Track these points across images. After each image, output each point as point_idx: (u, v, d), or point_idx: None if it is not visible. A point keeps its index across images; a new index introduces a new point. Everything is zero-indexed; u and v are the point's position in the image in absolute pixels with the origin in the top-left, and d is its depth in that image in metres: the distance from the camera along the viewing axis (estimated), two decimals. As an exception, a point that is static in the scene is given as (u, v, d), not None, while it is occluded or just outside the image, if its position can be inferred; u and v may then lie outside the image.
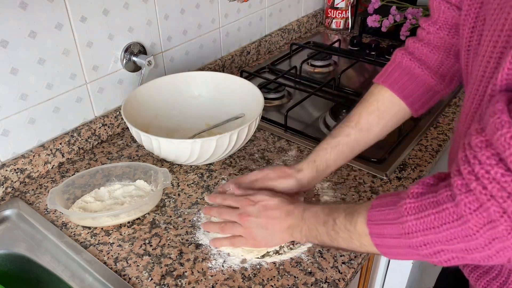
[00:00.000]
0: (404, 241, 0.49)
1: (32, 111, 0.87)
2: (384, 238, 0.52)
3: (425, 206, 0.47)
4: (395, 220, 0.50)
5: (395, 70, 0.75)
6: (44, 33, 0.83)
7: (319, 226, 0.62)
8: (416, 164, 0.93)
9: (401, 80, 0.74)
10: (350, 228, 0.57)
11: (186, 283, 0.68)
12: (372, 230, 0.54)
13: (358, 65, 1.33)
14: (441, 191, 0.46)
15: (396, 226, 0.50)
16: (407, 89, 0.73)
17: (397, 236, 0.50)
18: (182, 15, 1.10)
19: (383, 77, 0.76)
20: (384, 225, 0.52)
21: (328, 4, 1.58)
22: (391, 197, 0.53)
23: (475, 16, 0.56)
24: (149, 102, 0.97)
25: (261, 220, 0.69)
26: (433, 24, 0.70)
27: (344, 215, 0.58)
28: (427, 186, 0.49)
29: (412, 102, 0.74)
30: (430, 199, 0.47)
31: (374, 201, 0.55)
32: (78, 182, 0.82)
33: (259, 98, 0.92)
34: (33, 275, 0.74)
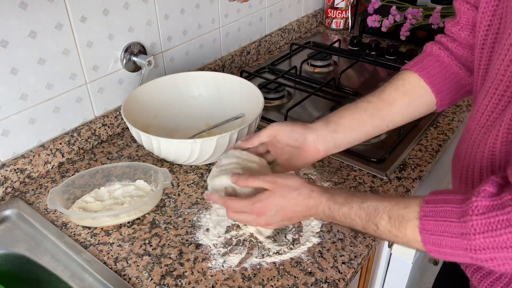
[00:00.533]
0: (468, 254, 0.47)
1: (32, 111, 0.87)
2: (442, 248, 0.50)
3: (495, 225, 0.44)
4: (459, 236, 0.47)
5: (424, 57, 0.74)
6: (44, 33, 0.83)
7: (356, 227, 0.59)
8: (416, 164, 0.93)
9: (430, 66, 0.72)
10: (398, 234, 0.53)
11: (186, 283, 0.68)
12: (427, 240, 0.50)
13: (358, 65, 1.33)
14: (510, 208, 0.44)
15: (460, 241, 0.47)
16: (435, 76, 0.72)
17: (460, 250, 0.47)
18: (182, 15, 1.10)
19: (411, 63, 0.74)
20: (443, 237, 0.49)
21: (328, 4, 1.58)
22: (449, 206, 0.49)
23: (492, 14, 0.56)
24: (149, 102, 0.97)
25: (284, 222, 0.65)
26: (455, 25, 0.70)
27: (388, 219, 0.54)
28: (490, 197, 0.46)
29: (439, 90, 0.72)
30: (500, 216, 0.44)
31: (426, 207, 0.51)
32: (78, 182, 0.82)
33: (259, 98, 0.92)
34: (33, 275, 0.74)
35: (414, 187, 0.87)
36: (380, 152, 0.94)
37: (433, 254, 0.51)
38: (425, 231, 0.50)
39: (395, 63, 1.31)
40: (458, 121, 1.06)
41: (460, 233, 0.47)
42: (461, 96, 0.75)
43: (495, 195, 0.46)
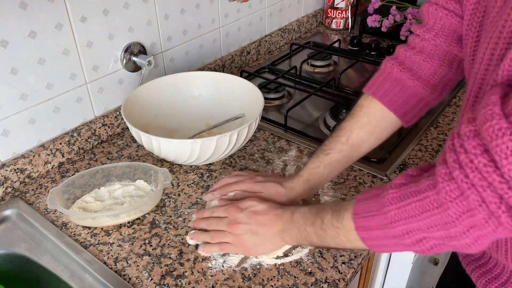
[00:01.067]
0: (388, 231, 0.50)
1: (32, 111, 0.87)
2: (370, 231, 0.52)
3: (407, 195, 0.48)
4: (378, 211, 0.51)
5: (385, 81, 0.73)
6: (44, 33, 0.83)
7: (308, 226, 0.62)
8: (416, 164, 0.93)
9: (392, 91, 0.72)
10: (338, 225, 0.57)
11: (186, 283, 0.68)
12: (357, 223, 0.54)
13: (358, 65, 1.33)
14: (423, 181, 0.47)
15: (379, 217, 0.50)
16: (398, 101, 0.72)
17: (381, 227, 0.50)
18: (182, 15, 1.10)
19: (373, 88, 0.74)
20: (368, 217, 0.52)
21: (328, 4, 1.58)
22: (376, 190, 0.54)
23: (479, 25, 0.55)
24: (149, 102, 0.97)
25: (251, 226, 0.68)
26: (428, 31, 0.68)
27: (331, 212, 0.59)
28: (410, 177, 0.50)
29: (403, 114, 0.73)
30: (412, 188, 0.48)
31: (360, 196, 0.56)
32: (78, 182, 0.82)
33: (259, 98, 0.92)
34: (33, 275, 0.74)
35: (414, 187, 0.87)
36: (380, 152, 0.94)
37: (367, 243, 0.54)
38: (356, 215, 0.54)
39: (395, 63, 1.31)
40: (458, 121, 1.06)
41: (379, 208, 0.51)
42: (425, 112, 0.77)
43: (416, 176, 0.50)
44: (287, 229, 0.66)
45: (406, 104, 0.72)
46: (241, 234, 0.69)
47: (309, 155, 0.94)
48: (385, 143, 0.97)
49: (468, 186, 0.41)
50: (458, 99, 1.16)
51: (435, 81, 0.71)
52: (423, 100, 0.73)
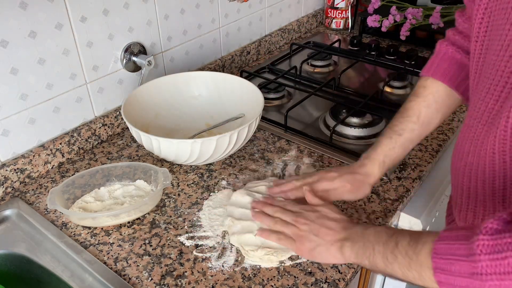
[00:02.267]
0: (475, 282, 0.44)
1: (32, 111, 0.87)
2: (450, 276, 0.46)
3: (503, 247, 0.42)
4: (466, 258, 0.44)
5: (442, 61, 0.75)
6: (44, 33, 0.83)
7: (377, 245, 0.57)
8: (416, 164, 0.93)
9: (451, 70, 0.74)
10: (412, 256, 0.51)
11: (186, 283, 0.68)
12: (436, 264, 0.47)
13: (358, 65, 1.33)
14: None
15: (467, 264, 0.44)
16: (458, 78, 0.74)
17: (467, 276, 0.44)
18: (182, 15, 1.10)
19: (431, 70, 0.76)
20: (451, 261, 0.46)
21: (328, 4, 1.58)
22: (464, 231, 0.47)
23: (485, 8, 0.56)
24: (149, 102, 0.97)
25: (315, 226, 0.66)
26: (467, 20, 0.72)
27: (409, 240, 0.53)
28: (504, 222, 0.44)
29: (464, 90, 0.75)
30: (509, 239, 0.42)
31: (443, 232, 0.49)
32: (78, 182, 0.82)
33: (259, 98, 0.92)
34: (33, 275, 0.74)
35: (414, 187, 0.87)
36: (380, 152, 0.94)
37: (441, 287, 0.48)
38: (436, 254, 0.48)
39: (395, 63, 1.31)
40: (458, 121, 1.06)
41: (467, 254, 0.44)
42: None
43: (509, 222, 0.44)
44: (351, 240, 0.62)
45: (465, 81, 0.73)
46: (304, 230, 0.66)
47: (309, 155, 0.95)
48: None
49: None
50: (458, 99, 1.15)
51: None
52: None
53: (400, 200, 0.83)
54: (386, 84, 1.18)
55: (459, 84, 0.74)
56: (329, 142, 0.98)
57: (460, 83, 0.74)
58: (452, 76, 0.74)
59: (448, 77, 0.74)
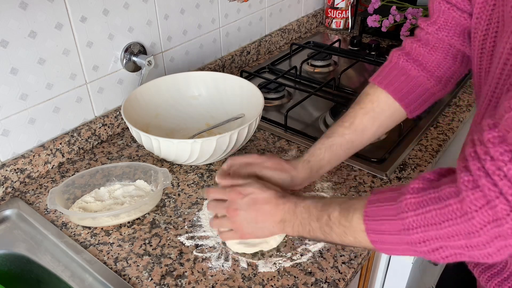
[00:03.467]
0: (403, 238, 0.48)
1: (32, 111, 0.87)
2: (381, 235, 0.51)
3: (427, 202, 0.46)
4: (394, 216, 0.49)
5: (391, 70, 0.74)
6: (44, 33, 0.83)
7: (312, 221, 0.60)
8: (416, 164, 0.93)
9: (397, 81, 0.73)
10: (345, 224, 0.55)
11: (186, 283, 0.68)
12: (368, 226, 0.52)
13: (358, 65, 1.33)
14: (444, 187, 0.45)
15: (395, 222, 0.48)
16: (403, 90, 0.73)
17: (396, 233, 0.49)
18: (182, 15, 1.10)
19: (379, 78, 0.75)
20: (382, 221, 0.50)
21: (328, 4, 1.58)
22: (390, 192, 0.52)
23: (488, 19, 0.55)
24: (149, 102, 0.97)
25: (250, 214, 0.66)
26: (432, 24, 0.70)
27: (339, 210, 0.57)
28: (428, 181, 0.48)
29: (408, 104, 0.74)
30: (432, 194, 0.46)
31: (371, 197, 0.54)
32: (78, 182, 0.82)
33: (259, 98, 0.92)
34: (33, 275, 0.74)
35: (414, 187, 0.87)
36: (380, 152, 0.94)
37: (377, 246, 0.53)
38: (367, 217, 0.52)
39: (395, 63, 1.31)
40: (458, 121, 1.06)
41: (395, 214, 0.49)
42: (431, 103, 0.77)
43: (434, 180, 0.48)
44: (289, 220, 0.64)
45: (410, 94, 0.73)
46: (239, 221, 0.67)
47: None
48: (385, 143, 0.98)
49: (497, 195, 0.39)
50: (458, 99, 1.15)
51: (439, 73, 0.72)
52: (428, 90, 0.73)
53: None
54: (386, 84, 1.18)
55: (404, 96, 0.73)
56: (329, 142, 0.98)
57: (405, 95, 0.73)
58: (397, 87, 0.73)
59: (393, 87, 0.73)
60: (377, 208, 0.52)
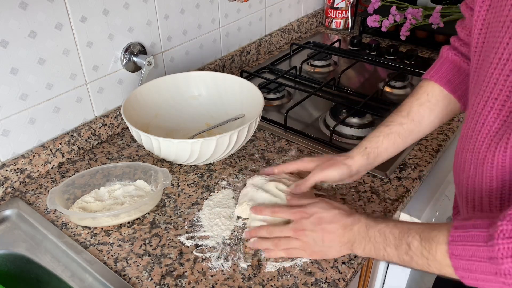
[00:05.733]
0: (499, 279, 0.46)
1: (32, 111, 0.87)
2: (472, 273, 0.49)
3: None
4: (487, 260, 0.47)
5: (442, 64, 0.76)
6: (44, 33, 0.83)
7: (389, 248, 0.59)
8: (416, 164, 0.93)
9: (449, 74, 0.75)
10: (429, 257, 0.53)
11: (186, 283, 0.68)
12: (457, 265, 0.50)
13: (358, 65, 1.33)
14: None
15: (489, 265, 0.47)
16: (455, 82, 0.75)
17: (491, 275, 0.47)
18: (182, 15, 1.10)
19: (431, 72, 0.77)
20: (472, 261, 0.48)
21: (328, 4, 1.58)
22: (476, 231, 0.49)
23: (483, 19, 0.57)
24: (149, 102, 0.97)
25: (317, 234, 0.66)
26: (463, 29, 0.73)
27: (419, 240, 0.54)
28: None
29: (461, 96, 0.75)
30: None
31: (453, 231, 0.51)
32: (78, 182, 0.82)
33: (259, 98, 0.92)
34: (33, 275, 0.74)
35: (414, 187, 0.87)
36: (380, 152, 0.94)
37: (467, 282, 0.50)
38: (454, 256, 0.50)
39: (395, 63, 1.31)
40: (458, 121, 1.06)
41: (488, 257, 0.47)
42: None
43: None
44: (359, 242, 0.63)
45: (462, 86, 0.74)
46: (307, 241, 0.67)
47: (310, 155, 0.95)
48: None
49: None
50: (458, 99, 1.15)
51: None
52: None
53: (400, 200, 0.83)
54: (386, 84, 1.18)
55: (456, 88, 0.75)
56: (329, 142, 0.98)
57: (457, 87, 0.75)
58: (450, 80, 0.75)
59: (446, 80, 0.75)
60: (464, 247, 0.49)
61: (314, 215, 0.67)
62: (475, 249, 0.48)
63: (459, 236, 0.50)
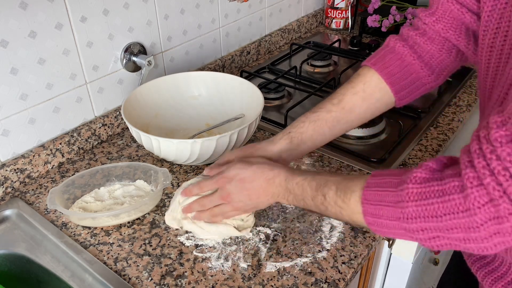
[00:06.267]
0: (402, 225, 0.48)
1: (32, 111, 0.87)
2: (379, 219, 0.51)
3: (429, 194, 0.46)
4: (394, 204, 0.48)
5: (386, 54, 0.74)
6: (44, 33, 0.83)
7: (306, 199, 0.61)
8: (416, 164, 0.93)
9: (392, 65, 0.73)
10: (342, 205, 0.55)
11: (186, 283, 0.68)
12: (366, 209, 0.52)
13: (358, 65, 1.32)
14: (447, 180, 0.45)
15: (394, 209, 0.48)
16: (396, 75, 0.73)
17: (394, 219, 0.49)
18: (182, 15, 1.10)
19: (373, 59, 0.75)
20: (380, 206, 0.50)
21: (328, 4, 1.58)
22: (390, 178, 0.51)
23: (499, 17, 0.55)
24: (149, 102, 0.97)
25: (243, 194, 0.67)
26: (430, 15, 0.69)
27: (335, 190, 0.57)
28: (431, 171, 0.48)
29: (398, 90, 0.73)
30: (435, 187, 0.45)
31: (370, 179, 0.53)
32: (78, 182, 0.82)
33: (259, 98, 0.92)
34: (33, 275, 0.74)
35: (414, 187, 0.87)
36: (380, 152, 0.94)
37: (372, 227, 0.52)
38: (366, 200, 0.52)
39: (395, 63, 1.31)
40: (458, 121, 1.06)
41: (395, 201, 0.48)
42: (420, 94, 0.76)
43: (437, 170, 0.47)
44: (282, 194, 0.65)
45: (402, 80, 0.73)
46: (236, 201, 0.68)
47: (309, 155, 0.95)
48: (385, 143, 0.98)
49: (500, 194, 0.40)
50: (458, 99, 1.15)
51: (433, 63, 0.72)
52: (420, 80, 0.73)
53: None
54: (386, 84, 1.18)
55: (395, 81, 0.73)
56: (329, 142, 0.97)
57: (397, 80, 0.73)
58: (391, 71, 0.73)
59: (387, 70, 0.73)
60: (376, 192, 0.51)
61: (235, 177, 0.67)
62: (386, 194, 0.50)
63: (374, 183, 0.52)
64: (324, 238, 0.75)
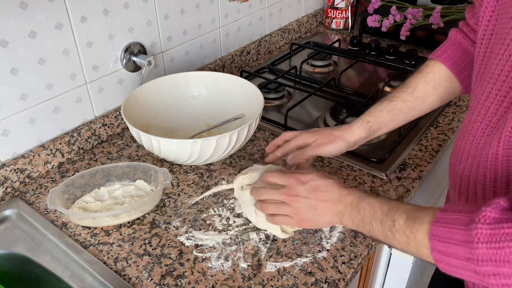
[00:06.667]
0: (471, 266, 0.46)
1: (32, 111, 0.87)
2: (447, 257, 0.48)
3: (501, 237, 0.43)
4: (463, 243, 0.46)
5: (450, 46, 0.77)
6: (44, 33, 0.83)
7: (375, 222, 0.59)
8: (416, 164, 0.93)
9: (455, 56, 0.76)
10: (410, 236, 0.53)
11: (186, 283, 0.68)
12: (434, 245, 0.50)
13: (358, 65, 1.33)
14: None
15: (464, 249, 0.46)
16: (461, 65, 0.75)
17: (464, 259, 0.46)
18: (182, 15, 1.10)
19: (438, 52, 0.78)
20: (449, 244, 0.48)
21: (328, 4, 1.58)
22: (460, 215, 0.48)
23: (492, 10, 0.57)
24: (149, 102, 0.97)
25: (310, 201, 0.65)
26: (472, 17, 0.73)
27: (405, 218, 0.54)
28: (502, 210, 0.45)
29: (463, 79, 0.76)
30: (507, 229, 0.43)
31: (439, 213, 0.51)
32: (78, 182, 0.82)
33: (259, 98, 0.92)
34: (33, 275, 0.74)
35: (414, 187, 0.87)
36: (380, 152, 0.94)
37: (440, 265, 0.50)
38: (433, 236, 0.50)
39: (395, 63, 1.31)
40: (458, 121, 1.06)
41: (464, 240, 0.46)
42: None
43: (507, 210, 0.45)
44: (349, 214, 0.63)
45: (467, 69, 0.75)
46: (299, 206, 0.65)
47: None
48: (385, 143, 0.98)
49: None
50: (458, 99, 1.15)
51: None
52: None
53: (400, 200, 0.83)
54: (386, 84, 1.18)
55: (460, 70, 0.76)
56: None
57: (462, 69, 0.75)
58: (455, 62, 0.76)
59: (452, 61, 0.76)
60: (445, 228, 0.49)
61: (310, 182, 0.65)
62: (455, 231, 0.48)
63: (443, 219, 0.50)
64: (324, 238, 0.75)
